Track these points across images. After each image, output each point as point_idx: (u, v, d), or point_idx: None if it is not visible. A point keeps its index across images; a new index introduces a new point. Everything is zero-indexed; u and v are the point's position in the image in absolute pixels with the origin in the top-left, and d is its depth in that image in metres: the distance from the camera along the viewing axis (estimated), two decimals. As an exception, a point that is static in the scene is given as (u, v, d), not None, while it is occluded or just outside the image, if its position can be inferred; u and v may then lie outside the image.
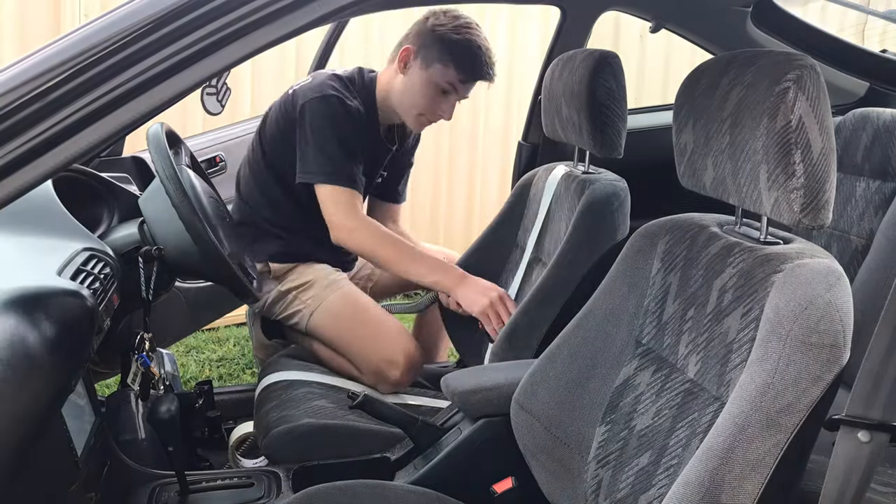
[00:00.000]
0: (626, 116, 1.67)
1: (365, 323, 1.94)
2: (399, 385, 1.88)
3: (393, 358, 1.86)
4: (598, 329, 1.24)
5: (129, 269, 1.54)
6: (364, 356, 1.89)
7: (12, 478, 0.89)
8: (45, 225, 1.40)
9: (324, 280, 2.01)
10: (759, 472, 0.87)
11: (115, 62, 0.81)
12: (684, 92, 1.12)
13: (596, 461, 1.19)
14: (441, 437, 1.54)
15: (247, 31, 0.85)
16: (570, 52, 1.79)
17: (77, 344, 1.10)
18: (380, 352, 1.88)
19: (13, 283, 1.04)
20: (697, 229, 1.15)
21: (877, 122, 1.90)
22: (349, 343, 1.93)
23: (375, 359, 1.87)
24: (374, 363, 1.87)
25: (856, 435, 0.83)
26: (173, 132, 1.69)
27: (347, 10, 0.88)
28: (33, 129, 0.80)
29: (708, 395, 1.04)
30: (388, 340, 1.89)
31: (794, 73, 0.94)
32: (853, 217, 1.89)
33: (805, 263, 0.95)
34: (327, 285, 1.99)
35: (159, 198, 1.54)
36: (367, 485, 1.34)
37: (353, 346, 1.92)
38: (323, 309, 1.96)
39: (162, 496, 1.51)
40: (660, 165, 1.62)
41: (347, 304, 1.97)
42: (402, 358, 1.86)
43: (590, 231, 1.68)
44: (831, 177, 0.94)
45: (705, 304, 1.08)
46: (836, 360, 0.88)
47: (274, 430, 1.65)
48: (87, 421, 1.36)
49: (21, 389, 0.90)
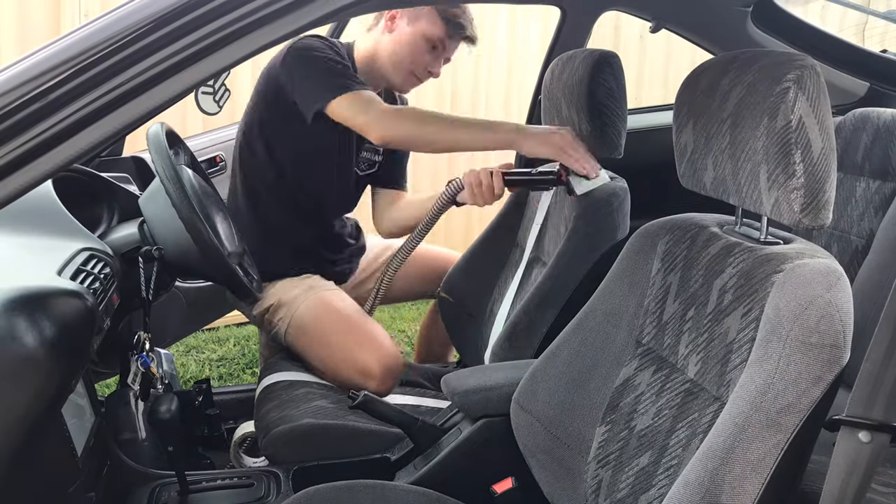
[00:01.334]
0: (626, 116, 1.67)
1: (337, 332, 1.87)
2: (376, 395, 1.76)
3: (366, 368, 1.80)
4: (598, 329, 1.24)
5: (129, 269, 1.54)
6: (338, 368, 1.84)
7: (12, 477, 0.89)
8: (45, 225, 1.40)
9: (288, 295, 1.95)
10: (759, 472, 0.87)
11: (115, 62, 0.81)
12: (684, 92, 1.12)
13: (596, 461, 1.19)
14: (441, 437, 1.54)
15: (247, 31, 0.85)
16: (570, 52, 1.79)
17: (77, 344, 1.10)
18: (353, 363, 1.81)
19: (13, 283, 1.04)
20: (697, 229, 1.15)
21: (877, 122, 1.90)
22: (324, 356, 1.88)
23: (349, 371, 1.82)
24: (349, 375, 1.81)
25: (856, 435, 0.83)
26: (173, 132, 1.69)
27: (347, 10, 0.88)
28: (33, 129, 0.80)
29: (708, 396, 1.04)
30: (361, 350, 1.82)
31: (794, 73, 0.94)
32: (853, 217, 1.89)
33: (805, 263, 0.95)
34: (293, 299, 1.93)
35: (159, 198, 1.54)
36: (367, 485, 1.34)
37: (326, 359, 1.87)
38: (294, 324, 1.92)
39: (162, 496, 1.51)
40: (660, 165, 1.62)
41: (315, 314, 1.90)
42: (376, 367, 1.80)
43: (589, 231, 1.68)
44: (831, 177, 0.94)
45: (705, 304, 1.08)
46: (836, 361, 0.88)
47: (274, 430, 1.65)
48: (87, 421, 1.36)
49: (21, 389, 0.90)
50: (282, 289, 1.98)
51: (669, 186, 1.28)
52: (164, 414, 1.44)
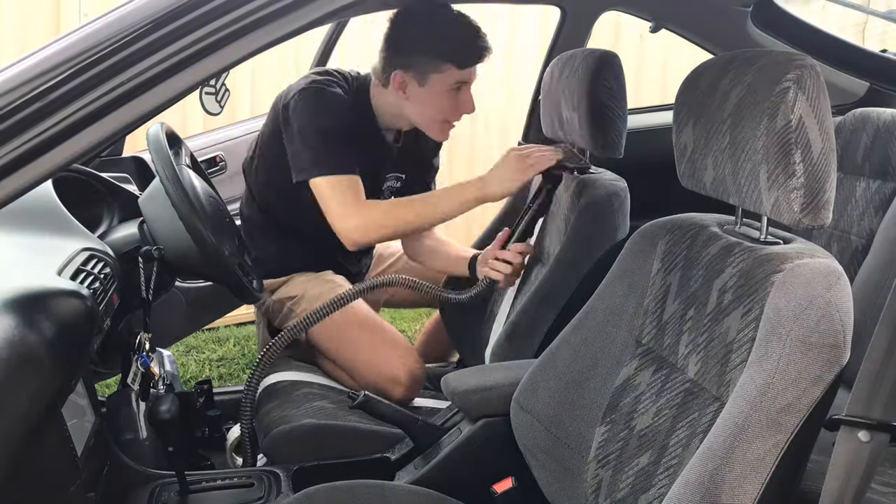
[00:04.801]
0: (626, 116, 1.67)
1: (364, 337, 1.86)
2: (402, 402, 1.78)
3: (395, 375, 1.80)
4: (598, 329, 1.24)
5: (129, 269, 1.54)
6: (364, 374, 1.83)
7: (12, 477, 0.89)
8: (45, 225, 1.40)
9: (313, 291, 1.93)
10: (759, 472, 0.87)
11: (115, 62, 0.81)
12: (684, 92, 1.12)
13: (596, 461, 1.19)
14: (441, 437, 1.54)
15: (247, 31, 0.85)
16: (570, 52, 1.79)
17: (77, 344, 1.10)
18: (381, 370, 1.81)
19: (13, 283, 1.04)
20: (697, 229, 1.15)
21: (877, 122, 1.90)
22: (348, 359, 1.87)
23: (377, 377, 1.81)
24: (375, 381, 1.81)
25: (856, 435, 0.83)
26: (173, 132, 1.69)
27: (347, 10, 0.88)
28: (33, 129, 0.80)
29: (708, 395, 1.04)
30: (389, 357, 1.82)
31: (794, 73, 0.94)
32: (853, 217, 1.89)
33: (805, 263, 0.95)
34: (318, 296, 1.89)
35: (159, 198, 1.54)
36: (367, 485, 1.34)
37: (352, 363, 1.87)
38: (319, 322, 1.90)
39: (162, 496, 1.51)
40: (660, 165, 1.62)
41: (342, 316, 1.83)
42: (404, 375, 1.80)
43: (590, 231, 1.68)
44: (831, 177, 0.94)
45: (705, 303, 1.08)
46: (836, 360, 0.88)
47: (274, 430, 1.65)
48: (87, 421, 1.36)
49: (21, 389, 0.90)
50: (306, 283, 1.96)
51: (669, 186, 1.28)
52: (165, 414, 1.44)
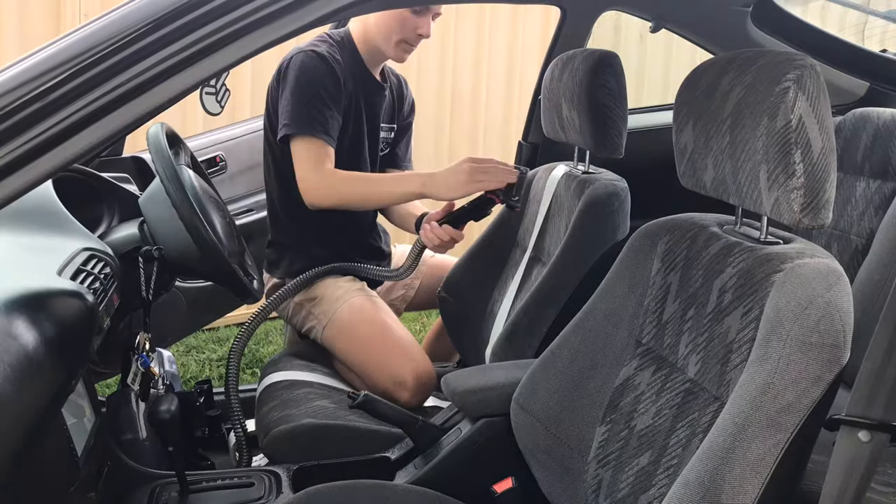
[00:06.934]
0: (626, 116, 1.67)
1: (374, 340, 1.88)
2: (409, 407, 1.78)
3: (401, 379, 1.81)
4: (599, 329, 1.24)
5: (129, 269, 1.54)
6: (372, 376, 1.85)
7: (12, 478, 0.89)
8: (45, 225, 1.40)
9: (334, 293, 1.95)
10: (760, 472, 0.87)
11: (115, 62, 0.81)
12: (684, 92, 1.12)
13: (596, 461, 1.19)
14: (441, 437, 1.54)
15: (247, 31, 0.85)
16: (570, 52, 1.79)
17: (77, 344, 1.10)
18: (388, 372, 1.83)
19: (13, 283, 1.04)
20: (697, 229, 1.15)
21: (877, 122, 1.90)
22: (359, 362, 1.89)
23: (384, 380, 1.83)
24: (383, 384, 1.82)
25: (856, 435, 0.83)
26: (173, 132, 1.69)
27: (347, 10, 0.88)
28: (33, 129, 0.80)
29: (708, 395, 1.04)
30: (397, 360, 1.84)
31: (794, 73, 0.94)
32: (853, 217, 1.89)
33: (805, 263, 0.95)
34: (337, 298, 1.93)
35: (159, 198, 1.54)
36: (367, 485, 1.34)
37: (362, 364, 1.88)
38: (333, 324, 1.92)
39: (162, 496, 1.51)
40: (660, 165, 1.62)
41: (357, 318, 1.91)
42: (410, 379, 1.81)
43: (590, 231, 1.68)
44: (831, 176, 0.94)
45: (705, 303, 1.08)
46: (836, 360, 0.89)
47: (274, 429, 1.65)
48: (87, 421, 1.36)
49: (21, 389, 0.90)
50: (329, 285, 1.98)
51: (669, 186, 1.28)
52: (165, 414, 1.44)
